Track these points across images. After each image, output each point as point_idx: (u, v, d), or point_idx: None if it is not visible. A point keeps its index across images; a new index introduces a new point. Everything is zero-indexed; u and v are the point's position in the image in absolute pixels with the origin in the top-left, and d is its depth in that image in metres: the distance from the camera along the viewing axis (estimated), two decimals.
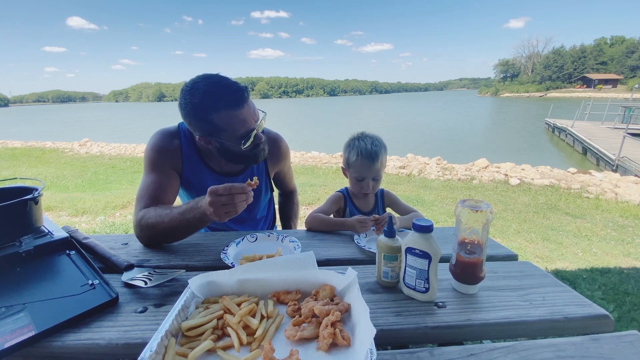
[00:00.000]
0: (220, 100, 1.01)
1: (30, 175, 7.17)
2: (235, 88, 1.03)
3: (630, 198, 5.03)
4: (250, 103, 1.07)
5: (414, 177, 6.73)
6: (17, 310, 0.66)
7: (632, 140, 9.21)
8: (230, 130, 1.05)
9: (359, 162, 1.26)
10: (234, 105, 1.02)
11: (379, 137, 1.32)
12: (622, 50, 69.66)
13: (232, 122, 1.03)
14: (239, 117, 1.03)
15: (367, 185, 1.28)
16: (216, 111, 1.02)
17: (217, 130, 1.05)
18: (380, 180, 1.31)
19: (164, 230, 0.99)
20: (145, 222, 1.00)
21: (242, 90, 1.03)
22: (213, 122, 1.03)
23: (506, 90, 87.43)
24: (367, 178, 1.27)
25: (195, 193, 1.23)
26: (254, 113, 1.08)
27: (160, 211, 1.01)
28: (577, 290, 0.82)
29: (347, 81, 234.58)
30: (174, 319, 0.60)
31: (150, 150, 1.16)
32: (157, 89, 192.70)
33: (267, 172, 1.37)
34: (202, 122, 1.04)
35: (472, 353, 0.60)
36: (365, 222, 1.14)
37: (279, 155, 1.38)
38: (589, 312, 0.71)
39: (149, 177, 1.13)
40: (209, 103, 1.01)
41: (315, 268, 0.77)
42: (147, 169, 1.16)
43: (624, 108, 13.74)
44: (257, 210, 1.37)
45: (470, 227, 0.75)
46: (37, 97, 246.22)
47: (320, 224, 1.22)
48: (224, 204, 0.87)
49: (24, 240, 0.89)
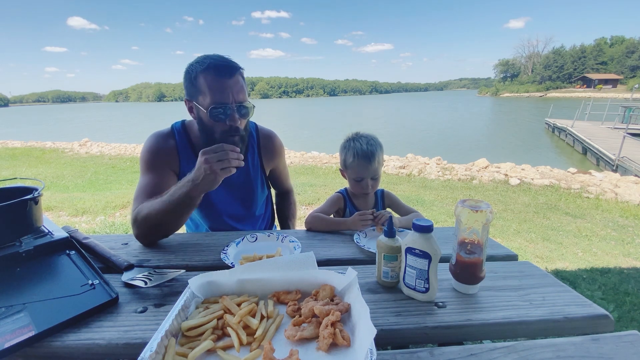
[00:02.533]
0: (208, 64, 1.06)
1: (30, 175, 7.17)
2: (227, 61, 1.08)
3: (630, 198, 5.03)
4: (238, 82, 1.08)
5: (414, 177, 6.72)
6: (17, 310, 0.66)
7: (632, 140, 9.21)
8: (205, 94, 1.06)
9: (356, 163, 1.26)
10: (217, 72, 1.05)
11: (373, 135, 1.32)
12: (622, 50, 69.67)
13: (210, 87, 1.05)
14: (218, 84, 1.05)
15: (367, 184, 1.28)
16: (201, 72, 1.06)
17: (197, 91, 1.08)
18: (379, 178, 1.31)
19: (156, 219, 1.00)
20: (140, 216, 1.02)
21: (232, 65, 1.08)
22: (196, 82, 1.07)
23: (506, 90, 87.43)
24: (365, 178, 1.27)
25: None
26: (237, 93, 1.08)
27: (151, 201, 1.02)
28: (577, 290, 0.81)
29: (347, 81, 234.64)
30: (174, 319, 0.60)
31: (145, 152, 1.18)
32: (157, 89, 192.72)
33: (262, 168, 1.38)
34: (189, 81, 1.09)
35: (472, 353, 0.60)
36: (365, 215, 1.15)
37: (273, 151, 1.40)
38: (589, 312, 0.71)
39: (145, 178, 1.16)
40: (199, 65, 1.07)
41: (315, 268, 0.77)
42: (143, 170, 1.18)
43: (624, 108, 13.74)
44: (255, 206, 1.38)
45: (470, 227, 0.75)
46: (37, 97, 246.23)
47: (320, 224, 1.22)
48: (220, 159, 0.90)
49: (24, 240, 0.89)
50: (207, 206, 1.29)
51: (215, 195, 1.28)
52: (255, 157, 1.35)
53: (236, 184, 1.31)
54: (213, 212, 1.31)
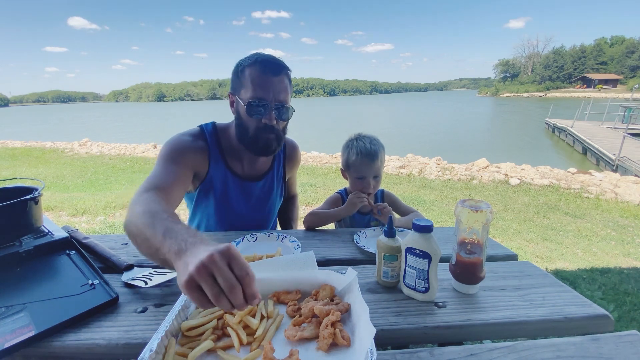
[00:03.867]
0: (256, 59, 1.07)
1: (30, 175, 7.16)
2: (275, 59, 1.08)
3: (630, 198, 5.03)
4: (282, 82, 1.08)
5: (414, 177, 6.73)
6: (17, 310, 0.66)
7: (632, 140, 9.21)
8: (247, 88, 1.06)
9: (359, 161, 1.26)
10: (263, 68, 1.06)
11: (376, 137, 1.34)
12: (622, 50, 69.69)
13: (253, 81, 1.05)
14: (261, 80, 1.06)
15: (369, 183, 1.28)
16: (248, 66, 1.07)
17: (240, 85, 1.09)
18: (380, 178, 1.31)
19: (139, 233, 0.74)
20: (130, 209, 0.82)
21: (279, 64, 1.08)
22: (241, 75, 1.09)
23: (506, 90, 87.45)
24: (368, 177, 1.27)
25: (213, 195, 1.21)
26: (278, 92, 1.07)
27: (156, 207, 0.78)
28: (577, 290, 0.81)
29: (347, 81, 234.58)
30: (174, 319, 0.60)
31: (172, 144, 1.10)
32: (157, 89, 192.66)
33: (284, 177, 1.38)
34: (235, 74, 1.11)
35: (472, 353, 0.60)
36: (359, 195, 1.18)
37: (294, 161, 1.42)
38: (589, 312, 0.71)
39: (162, 166, 1.04)
40: (248, 59, 1.09)
41: (315, 268, 0.77)
42: (163, 159, 1.07)
43: (624, 108, 13.74)
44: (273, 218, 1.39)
45: (470, 227, 0.75)
46: (37, 97, 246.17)
47: (317, 219, 1.23)
48: (223, 278, 0.53)
49: (24, 240, 0.89)
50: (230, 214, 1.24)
51: (237, 206, 1.25)
52: (280, 167, 1.35)
53: (260, 197, 1.30)
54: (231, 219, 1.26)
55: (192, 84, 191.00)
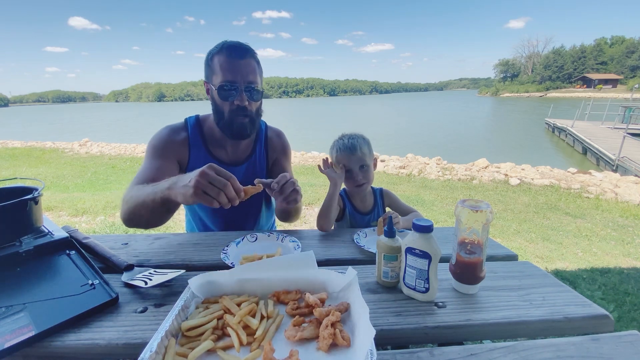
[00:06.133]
0: (222, 45, 1.12)
1: (30, 175, 7.16)
2: (242, 44, 1.12)
3: (630, 198, 5.03)
4: (250, 64, 1.12)
5: (414, 177, 6.72)
6: (17, 310, 0.66)
7: (632, 140, 9.21)
8: (217, 74, 1.10)
9: (341, 156, 1.31)
10: (229, 52, 1.10)
11: (358, 134, 1.37)
12: (622, 50, 69.66)
13: (222, 66, 1.10)
14: (228, 64, 1.10)
15: (357, 175, 1.30)
16: (216, 53, 1.12)
17: (211, 72, 1.13)
18: (369, 170, 1.32)
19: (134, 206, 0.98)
20: (125, 198, 1.03)
21: (246, 48, 1.13)
22: (211, 63, 1.13)
23: (506, 90, 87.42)
24: (353, 169, 1.30)
25: None
26: (247, 74, 1.11)
27: (140, 187, 1.01)
28: (577, 290, 0.82)
29: (347, 81, 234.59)
30: (174, 319, 0.60)
31: (157, 139, 1.19)
32: (157, 89, 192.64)
33: (267, 163, 1.38)
34: (206, 63, 1.15)
35: (472, 353, 0.60)
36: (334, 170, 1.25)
37: (279, 146, 1.40)
38: (589, 312, 0.71)
39: (148, 163, 1.16)
40: (216, 47, 1.13)
41: (315, 268, 0.77)
42: (147, 156, 1.18)
43: (624, 108, 13.73)
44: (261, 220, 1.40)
45: (470, 227, 0.75)
46: (37, 97, 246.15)
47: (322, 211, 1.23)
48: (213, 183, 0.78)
49: (24, 240, 0.89)
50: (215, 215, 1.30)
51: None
52: (262, 151, 1.35)
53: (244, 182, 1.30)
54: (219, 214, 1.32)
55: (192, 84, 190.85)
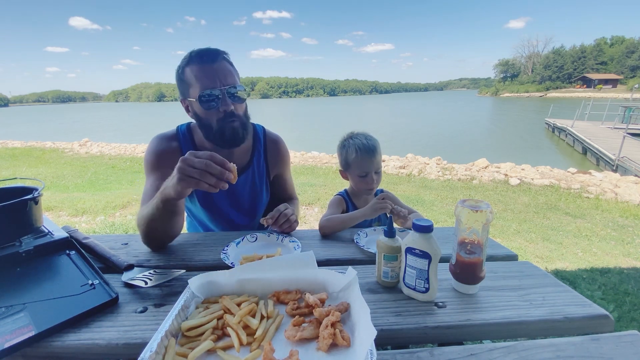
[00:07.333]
0: (190, 55, 1.06)
1: (30, 175, 7.16)
2: (210, 48, 1.06)
3: (630, 198, 5.03)
4: (224, 66, 1.06)
5: (414, 177, 6.72)
6: (17, 310, 0.66)
7: (632, 140, 9.21)
8: (194, 85, 1.05)
9: (360, 158, 1.25)
10: (200, 60, 1.04)
11: (369, 133, 1.33)
12: (622, 50, 69.65)
13: (197, 76, 1.03)
14: (202, 71, 1.04)
15: (372, 179, 1.27)
16: (186, 65, 1.06)
17: (187, 87, 1.07)
18: (381, 173, 1.31)
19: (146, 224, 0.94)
20: (138, 222, 0.99)
21: (216, 50, 1.07)
22: (184, 77, 1.07)
23: (506, 90, 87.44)
24: (370, 172, 1.26)
25: (195, 192, 1.22)
26: (224, 77, 1.05)
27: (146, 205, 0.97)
28: (577, 290, 0.81)
29: (347, 81, 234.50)
30: (174, 319, 0.60)
31: (148, 154, 1.16)
32: (157, 89, 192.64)
33: (268, 173, 1.35)
34: (179, 80, 1.09)
35: (472, 353, 0.60)
36: (384, 203, 1.14)
37: (278, 156, 1.37)
38: (589, 312, 0.71)
39: (149, 181, 1.13)
40: (183, 60, 1.07)
41: (315, 268, 0.77)
42: (147, 173, 1.16)
43: (624, 108, 13.73)
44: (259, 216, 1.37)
45: (470, 227, 0.75)
46: (37, 97, 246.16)
47: (337, 223, 1.16)
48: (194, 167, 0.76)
49: (24, 240, 0.89)
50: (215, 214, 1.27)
51: (221, 204, 1.26)
52: (261, 161, 1.32)
53: (242, 193, 1.28)
54: (222, 220, 1.29)
55: None
